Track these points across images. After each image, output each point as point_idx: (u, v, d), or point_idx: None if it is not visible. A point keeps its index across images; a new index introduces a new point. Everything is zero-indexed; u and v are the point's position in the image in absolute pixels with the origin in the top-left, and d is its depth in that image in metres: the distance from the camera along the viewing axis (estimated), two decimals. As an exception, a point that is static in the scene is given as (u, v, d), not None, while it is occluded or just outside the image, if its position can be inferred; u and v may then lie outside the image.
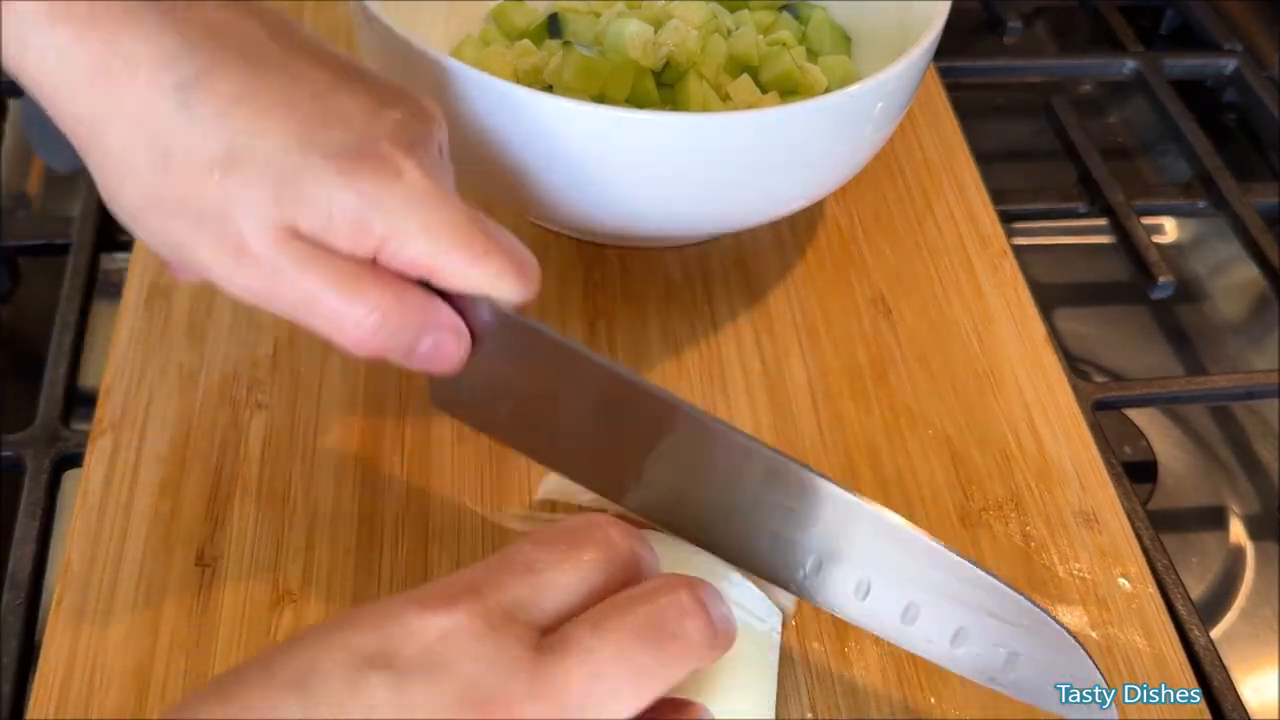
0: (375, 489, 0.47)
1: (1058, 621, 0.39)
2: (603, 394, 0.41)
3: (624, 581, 0.34)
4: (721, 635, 0.33)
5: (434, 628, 0.31)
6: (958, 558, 0.38)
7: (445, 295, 0.40)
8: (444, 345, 0.40)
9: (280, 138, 0.37)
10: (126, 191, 0.38)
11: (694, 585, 0.34)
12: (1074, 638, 0.39)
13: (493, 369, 0.42)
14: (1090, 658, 0.39)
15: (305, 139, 0.37)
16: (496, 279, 0.39)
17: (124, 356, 0.50)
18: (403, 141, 0.38)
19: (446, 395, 0.43)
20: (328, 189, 0.37)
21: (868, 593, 0.40)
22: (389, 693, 0.30)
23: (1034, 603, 0.39)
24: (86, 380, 0.53)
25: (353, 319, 0.38)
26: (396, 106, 0.39)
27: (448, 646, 0.30)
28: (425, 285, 0.39)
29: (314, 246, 0.37)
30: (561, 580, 0.33)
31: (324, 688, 0.30)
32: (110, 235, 0.58)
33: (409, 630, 0.31)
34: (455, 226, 0.38)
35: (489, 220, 0.40)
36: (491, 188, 0.51)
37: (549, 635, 0.32)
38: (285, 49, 0.38)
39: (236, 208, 0.37)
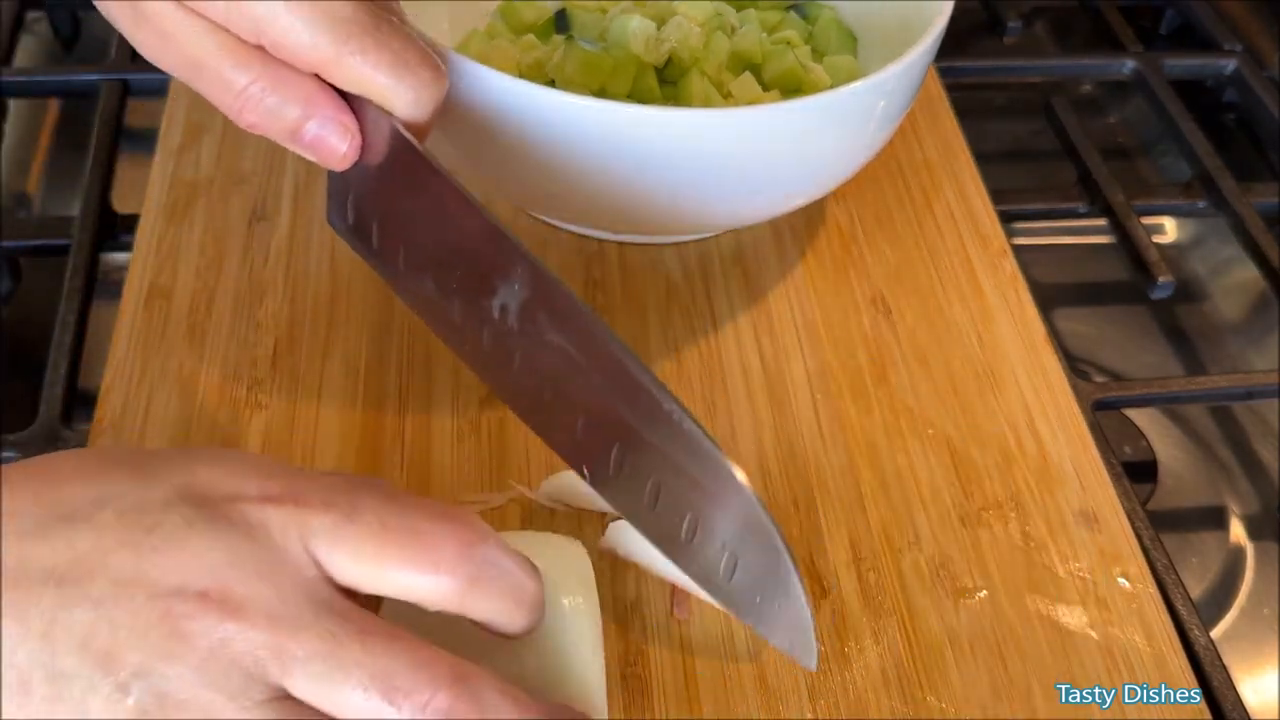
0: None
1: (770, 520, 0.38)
2: (474, 244, 0.40)
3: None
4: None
5: (250, 500, 0.33)
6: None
7: (345, 96, 0.39)
8: (327, 135, 0.40)
9: None
10: None
11: (460, 685, 0.32)
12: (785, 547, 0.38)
13: (379, 188, 0.41)
14: (793, 566, 0.39)
15: None
16: (379, 82, 0.39)
17: (124, 356, 0.50)
18: None
19: (339, 212, 0.43)
20: None
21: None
22: (180, 523, 0.32)
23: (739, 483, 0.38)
24: (86, 380, 0.53)
25: (235, 87, 0.39)
26: None
27: (243, 524, 0.32)
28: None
29: (201, 18, 0.38)
30: (357, 546, 0.33)
31: (150, 491, 0.33)
32: (110, 235, 0.58)
33: (239, 486, 0.33)
34: (339, 23, 0.38)
35: (392, 22, 0.39)
36: (492, 181, 0.51)
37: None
38: None
39: None
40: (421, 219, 0.42)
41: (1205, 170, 0.68)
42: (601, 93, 0.54)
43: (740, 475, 0.37)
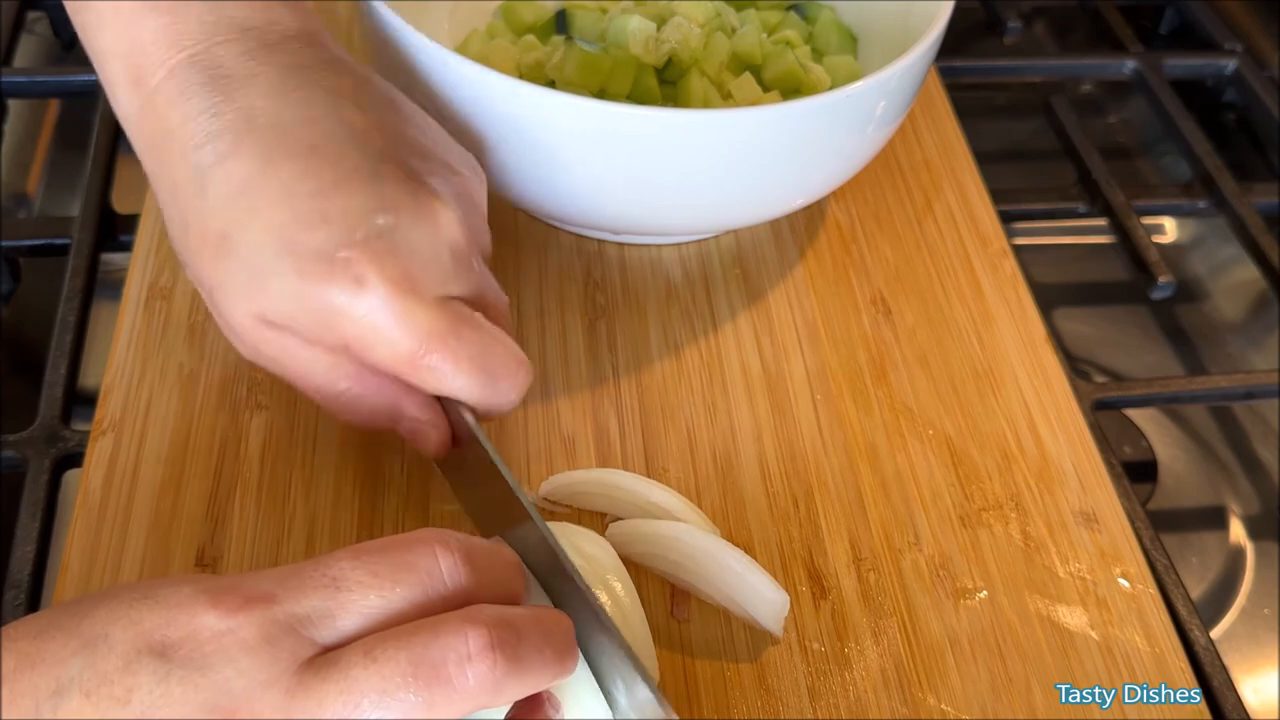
0: (375, 489, 0.47)
1: None
2: (528, 546, 0.39)
3: (441, 611, 0.33)
4: (518, 678, 0.32)
5: (210, 627, 0.31)
6: None
7: None
8: (419, 433, 0.42)
9: (265, 233, 0.38)
10: (173, 243, 0.42)
11: (496, 626, 0.32)
12: None
13: (464, 459, 0.43)
14: None
15: (286, 238, 0.38)
16: (456, 388, 0.40)
17: (124, 357, 0.50)
18: (382, 249, 0.38)
19: (444, 466, 0.46)
20: (289, 291, 0.38)
21: None
22: (152, 682, 0.30)
23: None
24: (87, 380, 0.53)
25: (329, 396, 0.41)
26: (400, 209, 0.39)
27: (216, 649, 0.31)
28: None
29: (287, 333, 0.40)
30: (363, 603, 0.32)
31: (105, 660, 0.31)
32: (110, 235, 0.58)
33: (190, 624, 0.31)
34: (418, 336, 0.39)
35: (474, 324, 0.40)
36: (493, 181, 0.51)
37: (326, 654, 0.31)
38: (317, 139, 0.40)
39: (220, 287, 0.40)
40: (484, 504, 0.44)
41: (1205, 170, 0.68)
42: (601, 93, 0.54)
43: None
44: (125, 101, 0.42)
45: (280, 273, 0.38)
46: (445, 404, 0.42)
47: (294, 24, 0.43)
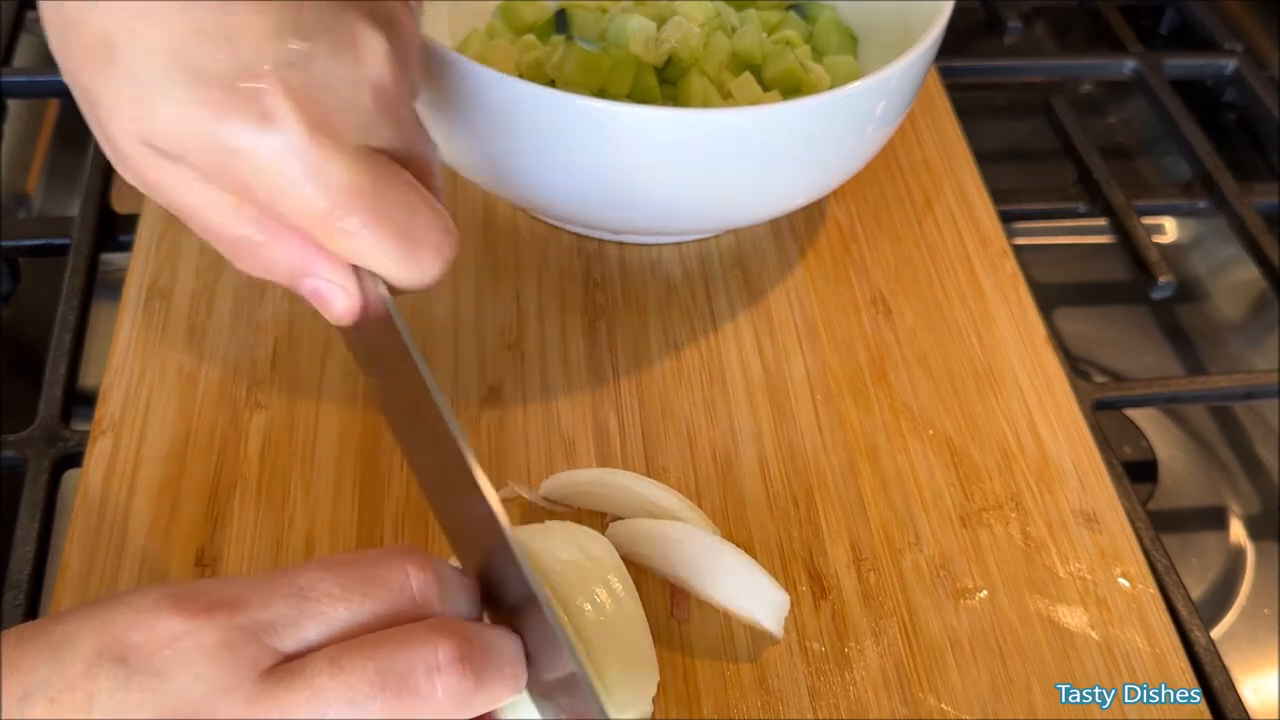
0: (375, 489, 0.47)
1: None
2: (428, 426, 0.37)
3: (409, 624, 0.32)
4: (481, 693, 0.31)
5: (171, 632, 0.30)
6: None
7: None
8: (325, 294, 0.37)
9: (155, 44, 0.33)
10: (50, 46, 0.36)
11: (462, 637, 0.31)
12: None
13: (371, 333, 0.39)
14: None
15: (180, 52, 0.32)
16: (374, 257, 0.35)
17: (124, 357, 0.50)
18: (295, 82, 0.33)
19: (350, 338, 0.41)
20: (181, 117, 0.33)
21: None
22: (113, 686, 0.30)
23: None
24: (86, 380, 0.53)
25: (228, 239, 0.36)
26: (318, 34, 0.34)
27: (176, 654, 0.30)
28: None
29: (178, 164, 0.34)
30: (331, 614, 0.31)
31: (70, 665, 0.30)
32: (110, 235, 0.58)
33: (152, 628, 0.30)
34: (335, 191, 0.34)
35: (399, 183, 0.35)
36: (492, 180, 0.51)
37: (290, 663, 0.31)
38: None
39: (102, 104, 0.34)
40: (393, 383, 0.40)
41: (1205, 170, 0.68)
42: (601, 93, 0.54)
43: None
44: None
45: (171, 95, 0.32)
46: (358, 268, 0.37)
47: None
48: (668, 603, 0.45)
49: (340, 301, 0.37)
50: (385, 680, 0.30)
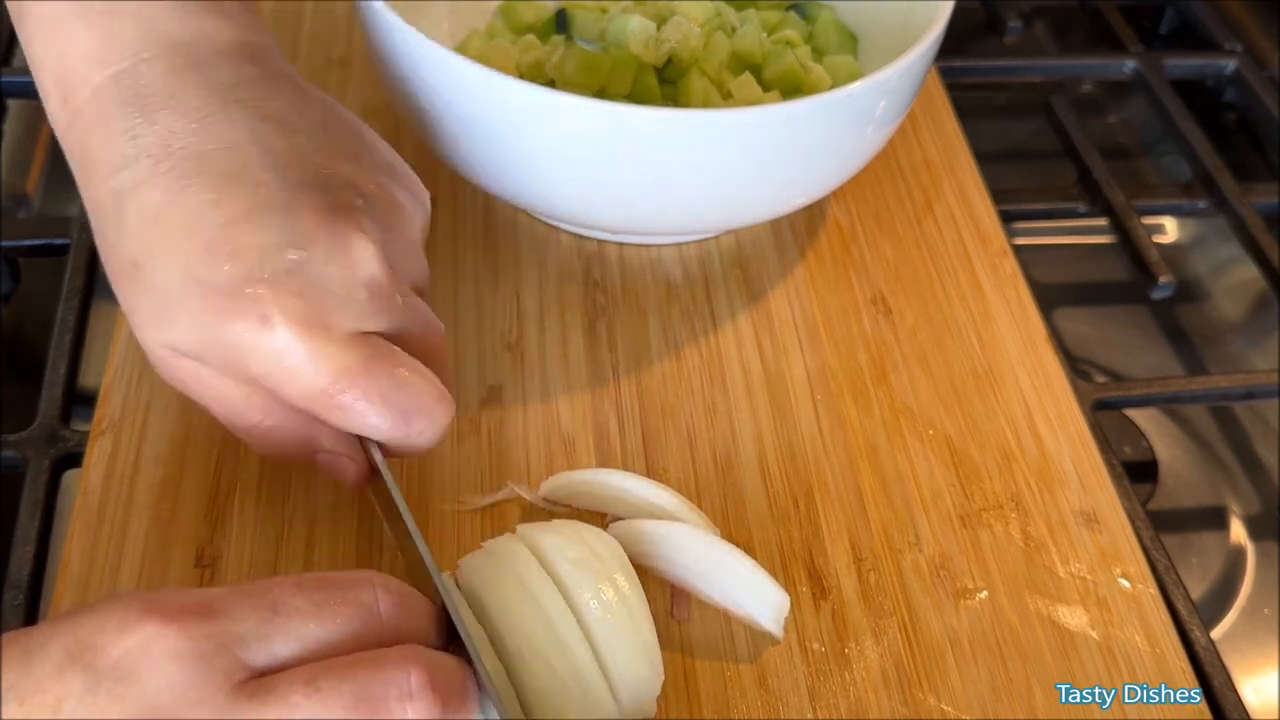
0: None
1: None
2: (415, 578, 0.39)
3: (375, 646, 0.33)
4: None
5: (140, 635, 0.30)
6: None
7: None
8: (336, 465, 0.41)
9: (173, 263, 0.38)
10: (100, 256, 0.41)
11: (432, 666, 0.32)
12: None
13: (383, 501, 0.42)
14: None
15: (192, 268, 0.37)
16: (370, 428, 0.39)
17: (124, 356, 0.50)
18: (292, 286, 0.37)
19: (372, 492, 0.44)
20: (196, 325, 0.38)
21: None
22: (81, 690, 0.30)
23: None
24: (86, 380, 0.53)
25: (243, 428, 0.41)
26: (315, 243, 0.38)
27: (144, 660, 0.30)
28: None
29: (199, 364, 0.39)
30: (300, 630, 0.32)
31: (40, 668, 0.30)
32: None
33: (120, 631, 0.31)
34: (329, 375, 0.38)
35: (390, 361, 0.39)
36: (492, 181, 0.51)
37: (262, 678, 0.31)
38: (234, 165, 0.39)
39: (135, 314, 0.39)
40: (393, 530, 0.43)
41: (1205, 170, 0.68)
42: (601, 93, 0.54)
43: None
44: (56, 115, 0.41)
45: (187, 306, 0.37)
46: (361, 438, 0.41)
47: (230, 36, 0.42)
48: (668, 603, 0.45)
49: (350, 470, 0.41)
50: (359, 703, 0.31)
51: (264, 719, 0.30)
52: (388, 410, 0.39)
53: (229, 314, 0.37)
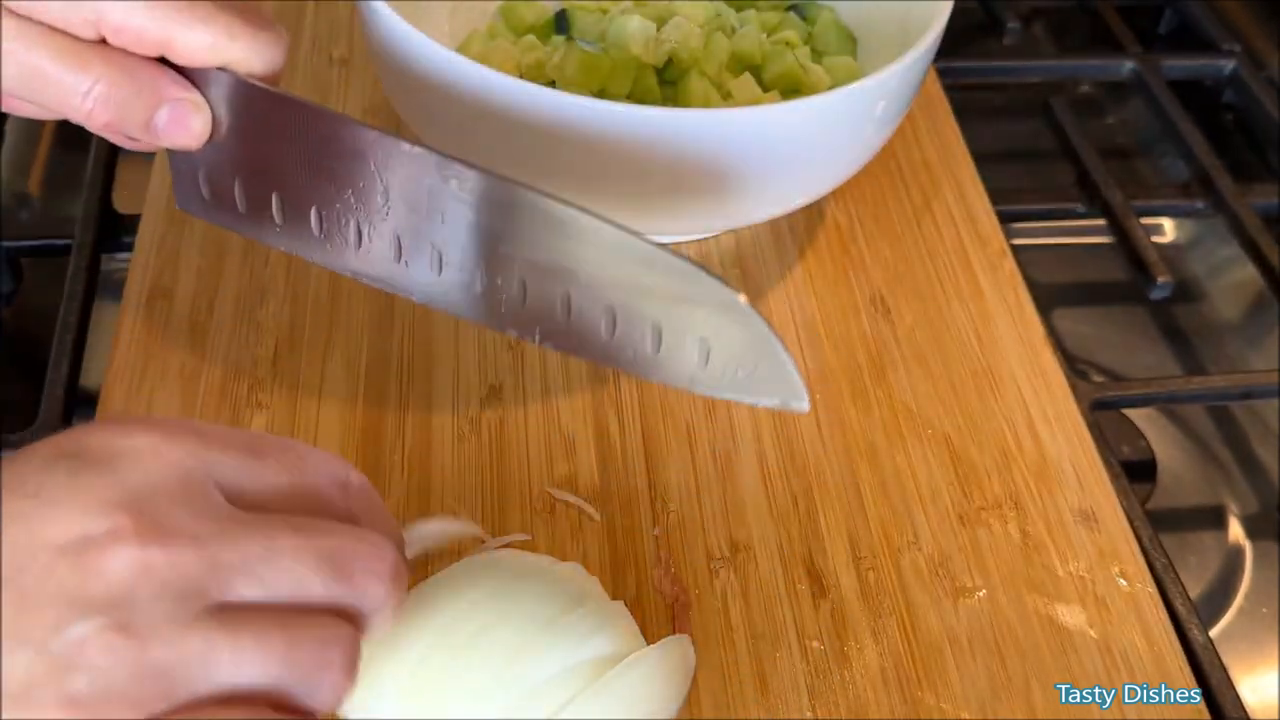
0: (375, 489, 0.47)
1: (735, 294, 0.37)
2: (348, 149, 0.40)
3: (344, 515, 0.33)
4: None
5: (136, 440, 0.31)
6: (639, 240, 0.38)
7: (184, 73, 0.40)
8: (181, 115, 0.40)
9: None
10: None
11: (398, 559, 0.33)
12: (762, 322, 0.37)
13: (237, 148, 0.41)
14: (773, 334, 0.37)
15: None
16: (231, 45, 0.39)
17: (125, 356, 0.50)
18: None
19: (191, 193, 0.43)
20: None
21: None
22: (64, 477, 0.30)
23: (711, 274, 0.37)
24: (88, 380, 0.53)
25: (79, 90, 0.38)
26: None
27: (134, 457, 0.30)
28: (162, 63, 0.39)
29: (34, 23, 0.37)
30: (276, 481, 0.32)
31: (28, 463, 0.30)
32: (111, 236, 0.58)
33: (116, 434, 0.31)
34: None
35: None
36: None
37: (251, 511, 0.31)
38: None
39: None
40: (289, 154, 0.41)
41: (1204, 170, 0.68)
42: (601, 93, 0.54)
43: (686, 264, 0.37)
44: None
45: None
46: (198, 83, 0.40)
47: None
48: (669, 613, 0.45)
49: (194, 119, 0.40)
50: (332, 561, 0.31)
51: (243, 545, 0.30)
52: (240, 23, 0.39)
53: None
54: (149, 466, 0.30)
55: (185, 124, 0.40)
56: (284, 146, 0.41)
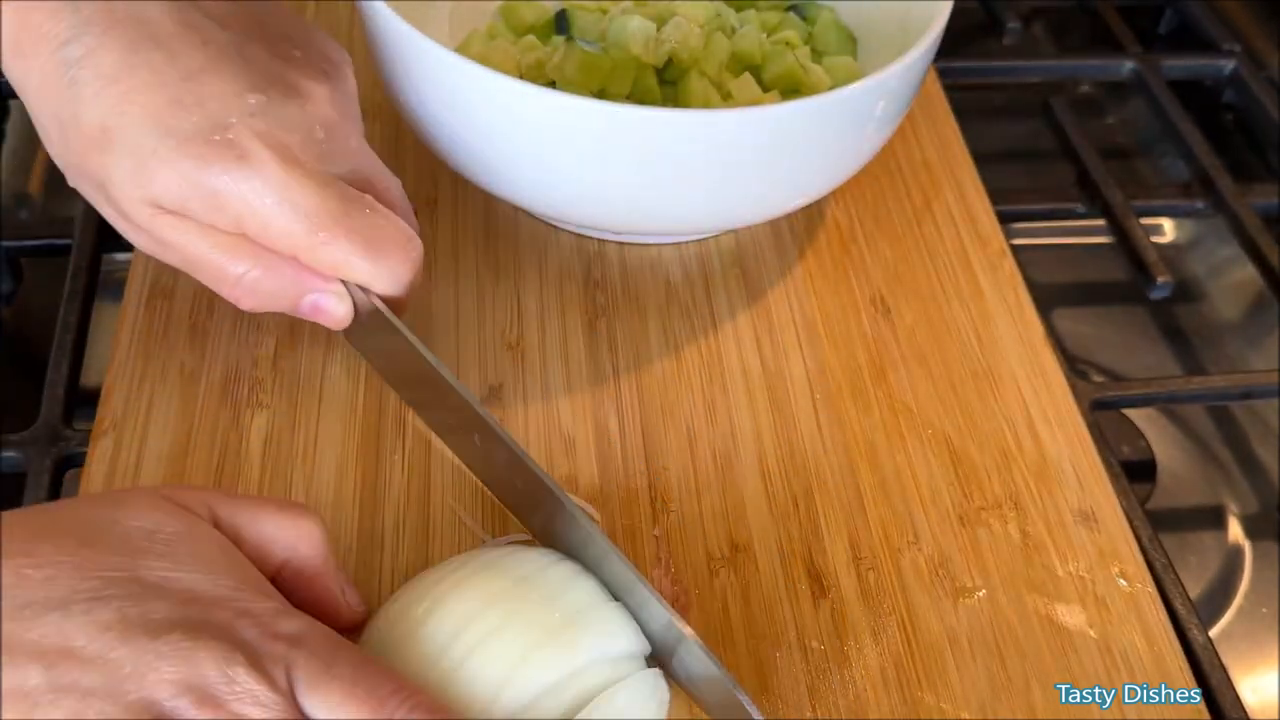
0: (375, 489, 0.47)
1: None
2: (443, 403, 0.45)
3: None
4: None
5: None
6: None
7: None
8: (323, 306, 0.44)
9: (142, 119, 0.40)
10: (51, 150, 0.43)
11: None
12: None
13: (374, 340, 0.46)
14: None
15: (164, 122, 0.40)
16: (351, 266, 0.42)
17: (125, 356, 0.50)
18: (260, 127, 0.41)
19: (356, 339, 0.48)
20: (177, 173, 0.40)
21: None
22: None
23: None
24: (88, 380, 0.53)
25: (231, 279, 0.42)
26: (270, 87, 0.41)
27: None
28: None
29: (184, 219, 0.41)
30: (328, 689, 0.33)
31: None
32: (112, 236, 0.58)
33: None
34: (308, 213, 0.41)
35: (361, 204, 0.42)
36: (493, 181, 0.51)
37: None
38: (178, 25, 0.41)
39: (111, 181, 0.41)
40: (398, 369, 0.47)
41: (1204, 171, 0.68)
42: (601, 93, 0.54)
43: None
44: None
45: (164, 157, 0.39)
46: (347, 283, 0.44)
47: None
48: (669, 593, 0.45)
49: (336, 308, 0.44)
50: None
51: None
52: (366, 248, 0.42)
53: (207, 159, 0.40)
54: (251, 665, 0.32)
55: (327, 313, 0.44)
56: (394, 360, 0.46)
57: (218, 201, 0.40)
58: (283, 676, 0.32)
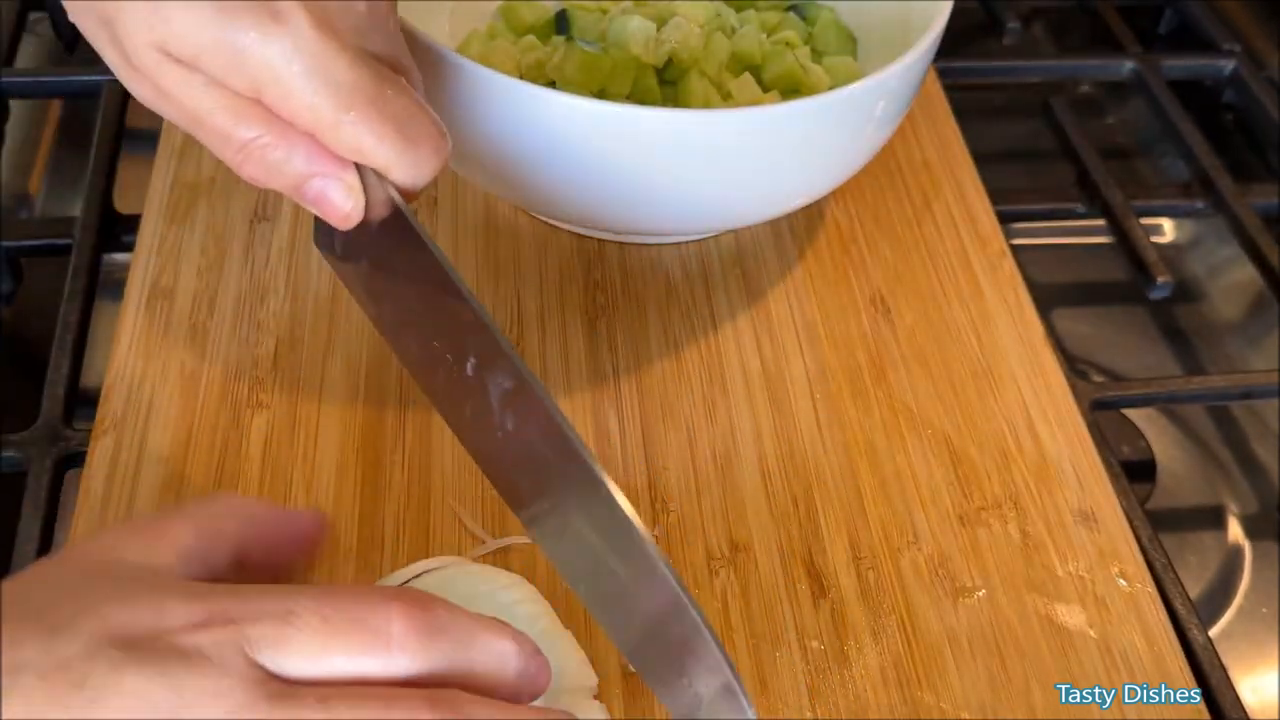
0: (375, 489, 0.47)
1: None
2: (454, 325, 0.39)
3: (377, 673, 0.32)
4: None
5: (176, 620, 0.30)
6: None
7: None
8: (331, 196, 0.39)
9: None
10: None
11: (436, 701, 0.31)
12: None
13: (371, 242, 0.40)
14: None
15: None
16: (376, 151, 0.38)
17: (126, 356, 0.50)
18: None
19: (326, 240, 0.43)
20: (196, 19, 0.35)
21: None
22: (107, 669, 0.29)
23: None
24: (88, 380, 0.53)
25: (236, 141, 0.38)
26: None
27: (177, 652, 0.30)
28: None
29: (194, 71, 0.36)
30: (307, 644, 0.31)
31: (67, 646, 0.30)
32: (112, 235, 0.58)
33: (159, 614, 0.31)
34: (340, 87, 0.36)
35: (397, 86, 0.38)
36: (493, 181, 0.52)
37: (286, 685, 0.31)
38: None
39: (119, 19, 0.36)
40: (407, 285, 0.41)
41: (1204, 171, 0.68)
42: (601, 93, 0.54)
43: (660, 566, 0.36)
44: None
45: (190, 3, 0.35)
46: (361, 173, 0.39)
47: None
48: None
49: (344, 200, 0.39)
50: None
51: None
52: (397, 135, 0.38)
53: (234, 11, 0.35)
54: (196, 666, 0.30)
55: (333, 203, 0.39)
56: (404, 269, 0.41)
57: (238, 60, 0.35)
58: (236, 659, 0.30)
